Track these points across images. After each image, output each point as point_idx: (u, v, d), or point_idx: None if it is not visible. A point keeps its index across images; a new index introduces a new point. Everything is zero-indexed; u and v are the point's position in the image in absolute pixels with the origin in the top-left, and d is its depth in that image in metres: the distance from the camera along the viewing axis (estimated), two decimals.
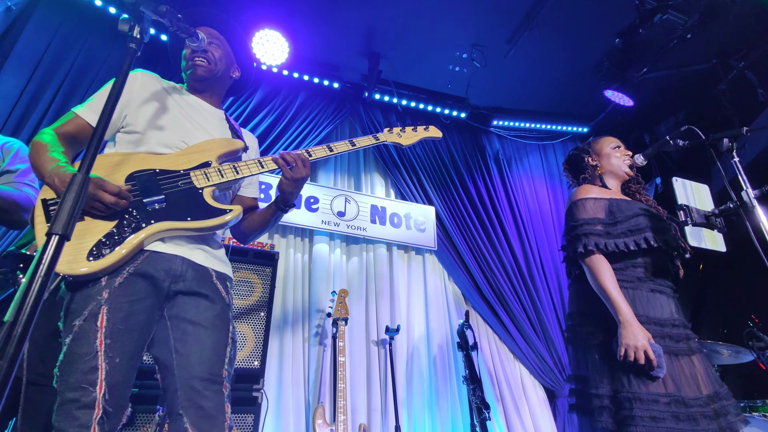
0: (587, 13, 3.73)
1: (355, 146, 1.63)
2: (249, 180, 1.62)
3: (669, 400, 1.51)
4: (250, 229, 1.57)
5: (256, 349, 2.54)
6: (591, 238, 1.78)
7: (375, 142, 1.70)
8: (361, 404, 3.31)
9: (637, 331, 1.58)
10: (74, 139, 1.33)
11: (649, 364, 1.54)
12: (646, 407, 1.51)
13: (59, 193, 1.15)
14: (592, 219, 1.83)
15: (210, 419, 1.17)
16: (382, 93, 4.48)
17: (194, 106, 1.51)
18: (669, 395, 1.52)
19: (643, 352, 1.54)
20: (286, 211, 1.52)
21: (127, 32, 1.04)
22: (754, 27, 3.79)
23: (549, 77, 4.47)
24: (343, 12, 3.72)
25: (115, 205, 1.15)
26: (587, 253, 1.77)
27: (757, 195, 1.59)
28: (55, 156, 1.20)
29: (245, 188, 1.63)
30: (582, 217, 1.85)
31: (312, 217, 3.80)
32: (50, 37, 3.28)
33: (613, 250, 1.76)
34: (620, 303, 1.64)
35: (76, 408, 1.03)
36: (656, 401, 1.51)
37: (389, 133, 1.76)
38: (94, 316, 1.10)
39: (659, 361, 1.54)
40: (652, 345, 1.56)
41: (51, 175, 1.16)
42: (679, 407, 1.50)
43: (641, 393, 1.54)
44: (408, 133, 1.80)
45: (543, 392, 3.98)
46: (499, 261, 4.26)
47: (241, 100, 3.96)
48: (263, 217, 1.54)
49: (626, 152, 2.08)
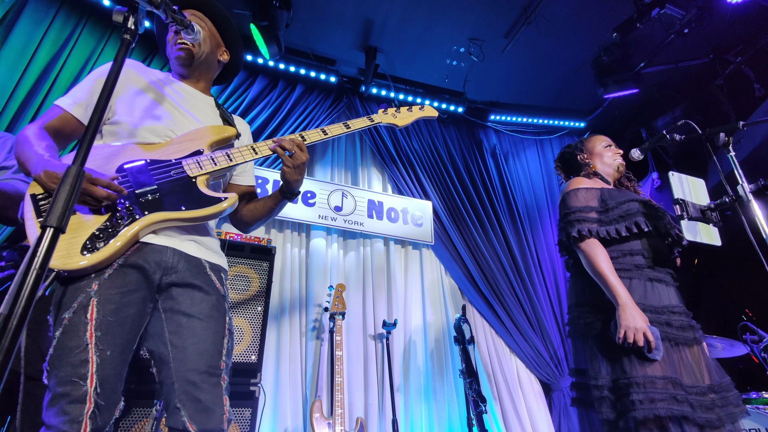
0: (585, 7, 3.72)
1: (350, 129, 1.60)
2: (243, 167, 1.59)
3: (666, 382, 1.51)
4: (253, 219, 1.53)
5: (253, 343, 2.54)
6: (584, 224, 1.79)
7: (370, 123, 1.67)
8: (359, 398, 3.32)
9: (635, 313, 1.58)
10: (59, 132, 1.30)
11: (647, 345, 1.53)
12: (643, 390, 1.50)
13: (47, 187, 1.13)
14: (584, 207, 1.84)
15: (208, 412, 1.15)
16: (379, 87, 4.46)
17: (182, 93, 1.48)
18: (666, 377, 1.52)
19: (642, 333, 1.54)
20: (291, 200, 1.49)
21: (122, 23, 1.02)
22: (752, 22, 3.79)
23: (546, 72, 4.47)
24: (340, 5, 3.70)
25: (107, 198, 1.13)
26: (581, 238, 1.77)
27: (752, 189, 1.59)
28: (40, 150, 1.17)
29: (239, 176, 1.59)
30: (574, 205, 1.86)
31: (309, 212, 3.80)
32: (44, 29, 3.24)
33: (605, 236, 1.77)
34: (617, 286, 1.64)
35: (66, 403, 1.01)
36: (653, 383, 1.51)
37: (384, 114, 1.74)
38: (83, 309, 1.08)
39: (656, 344, 1.54)
40: (650, 327, 1.56)
41: (37, 168, 1.13)
42: (677, 389, 1.49)
43: (638, 377, 1.54)
44: (403, 114, 1.77)
45: (539, 386, 4.01)
46: (495, 255, 4.28)
47: (237, 93, 3.94)
48: (267, 206, 1.50)
49: (618, 150, 2.11)
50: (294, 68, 4.15)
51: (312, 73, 4.21)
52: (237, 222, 1.57)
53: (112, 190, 1.13)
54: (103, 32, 3.53)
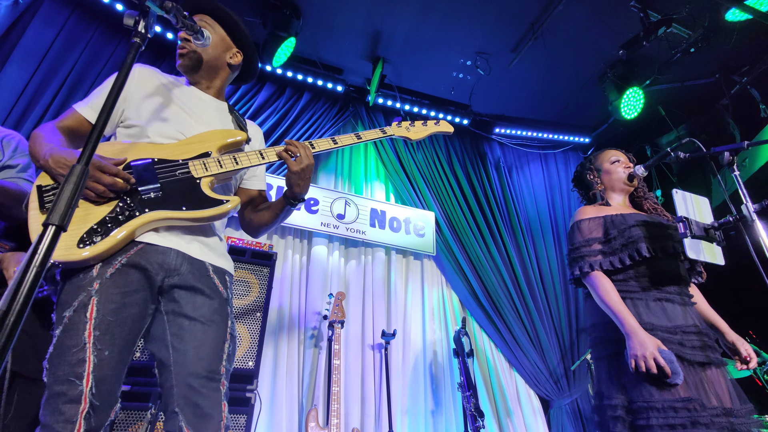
0: (591, 24, 3.75)
1: (361, 139, 1.57)
2: (254, 171, 1.58)
3: (684, 405, 1.47)
4: (260, 224, 1.53)
5: (250, 349, 2.53)
6: (587, 259, 1.82)
7: (382, 135, 1.63)
8: (355, 408, 3.29)
9: (643, 338, 1.55)
10: (74, 133, 1.32)
11: (661, 371, 1.50)
12: (662, 415, 1.47)
13: (53, 173, 1.14)
14: (587, 240, 1.87)
15: (206, 418, 1.14)
16: (386, 97, 4.49)
17: (192, 98, 1.49)
18: (685, 399, 1.48)
19: (653, 360, 1.51)
20: (295, 206, 1.48)
21: (132, 27, 1.03)
22: (758, 43, 3.81)
23: (552, 87, 4.49)
24: (350, 15, 3.74)
25: (113, 185, 1.13)
26: (583, 275, 1.81)
27: (756, 209, 1.58)
28: (52, 143, 1.20)
29: (249, 180, 1.58)
30: (578, 240, 1.90)
31: (311, 219, 3.80)
32: (56, 31, 3.29)
33: (608, 268, 1.78)
34: (624, 314, 1.64)
35: (62, 402, 1.01)
36: (673, 408, 1.47)
37: (398, 127, 1.68)
38: (83, 307, 1.08)
39: (673, 367, 1.49)
40: (662, 352, 1.52)
41: (45, 156, 1.14)
42: (699, 412, 1.45)
43: (657, 401, 1.50)
44: (417, 128, 1.72)
45: (538, 402, 3.97)
46: (496, 268, 4.26)
47: (245, 99, 3.98)
48: (274, 211, 1.50)
49: (627, 164, 2.08)
50: (302, 76, 4.18)
51: (319, 81, 4.25)
52: (246, 226, 1.57)
53: (118, 177, 1.14)
54: (114, 36, 3.58)
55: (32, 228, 1.11)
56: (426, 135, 1.73)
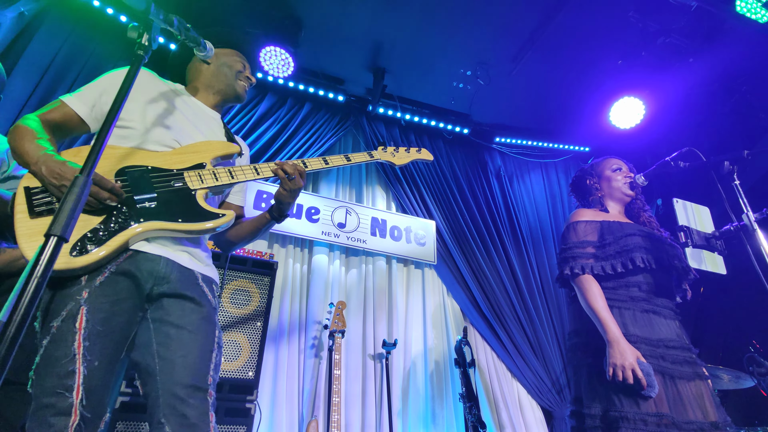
0: (590, 33, 3.78)
1: (350, 161, 1.65)
2: (239, 187, 1.60)
3: (658, 421, 1.48)
4: (238, 238, 1.53)
5: (251, 359, 2.52)
6: (578, 261, 1.81)
7: (369, 159, 1.73)
8: (356, 419, 3.26)
9: (624, 349, 1.56)
10: (59, 127, 1.29)
11: (638, 383, 1.51)
12: (632, 426, 1.48)
13: (46, 182, 1.11)
14: (582, 242, 1.86)
15: (192, 428, 1.10)
16: (386, 107, 4.51)
17: (191, 107, 1.50)
18: (659, 414, 1.49)
19: (631, 371, 1.52)
20: (280, 221, 1.50)
21: (136, 39, 1.05)
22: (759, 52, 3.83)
23: (552, 96, 4.51)
24: (351, 26, 3.78)
25: (108, 200, 1.13)
26: (573, 275, 1.80)
27: (757, 218, 1.58)
28: (42, 144, 1.16)
29: (234, 195, 1.60)
30: (572, 240, 1.89)
31: (312, 228, 3.80)
32: (60, 43, 3.33)
33: (599, 273, 1.77)
34: (608, 322, 1.64)
35: (51, 414, 0.98)
36: (644, 421, 1.49)
37: (383, 152, 1.79)
38: (72, 317, 1.05)
39: (649, 380, 1.51)
40: (640, 363, 1.54)
41: (38, 162, 1.11)
42: (669, 429, 1.47)
43: (628, 412, 1.52)
44: (401, 154, 1.84)
45: (540, 412, 3.93)
46: (498, 277, 4.25)
47: (246, 109, 4.00)
48: (254, 225, 1.51)
49: (628, 174, 2.08)
50: (303, 86, 4.22)
51: (320, 91, 4.27)
52: (220, 241, 1.56)
53: (113, 194, 1.13)
54: (117, 47, 3.62)
55: (19, 232, 1.07)
56: (409, 161, 1.86)
